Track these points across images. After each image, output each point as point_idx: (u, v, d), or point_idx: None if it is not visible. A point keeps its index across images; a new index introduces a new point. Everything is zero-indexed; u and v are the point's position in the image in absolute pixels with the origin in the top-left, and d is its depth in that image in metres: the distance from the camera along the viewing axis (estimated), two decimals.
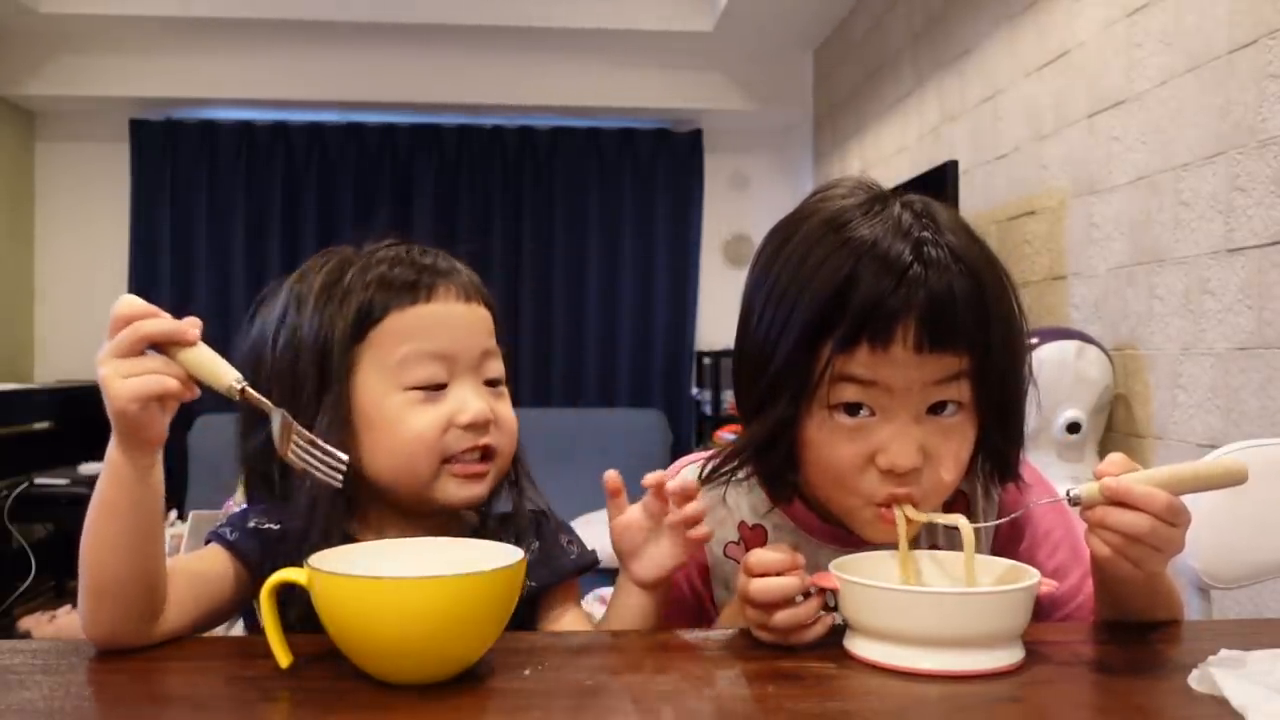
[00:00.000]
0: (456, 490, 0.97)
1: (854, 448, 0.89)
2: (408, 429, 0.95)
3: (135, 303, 0.79)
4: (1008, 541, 1.04)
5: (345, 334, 0.95)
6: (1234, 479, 0.83)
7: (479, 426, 0.97)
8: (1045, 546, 1.03)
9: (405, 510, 0.99)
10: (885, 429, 0.88)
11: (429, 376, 0.96)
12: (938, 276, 0.85)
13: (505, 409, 1.01)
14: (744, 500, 1.06)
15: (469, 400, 0.97)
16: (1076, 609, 1.01)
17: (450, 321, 0.98)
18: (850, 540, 0.97)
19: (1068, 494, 0.84)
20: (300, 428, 0.84)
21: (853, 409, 0.88)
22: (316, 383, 0.96)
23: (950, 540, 0.97)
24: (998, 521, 1.00)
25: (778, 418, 0.90)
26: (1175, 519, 0.81)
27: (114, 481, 0.81)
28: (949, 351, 0.86)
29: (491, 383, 1.00)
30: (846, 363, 0.87)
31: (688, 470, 1.08)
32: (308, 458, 0.85)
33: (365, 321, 0.96)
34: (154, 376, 0.77)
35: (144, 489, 0.81)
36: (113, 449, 0.80)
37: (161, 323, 0.78)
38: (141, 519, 0.82)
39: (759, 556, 0.87)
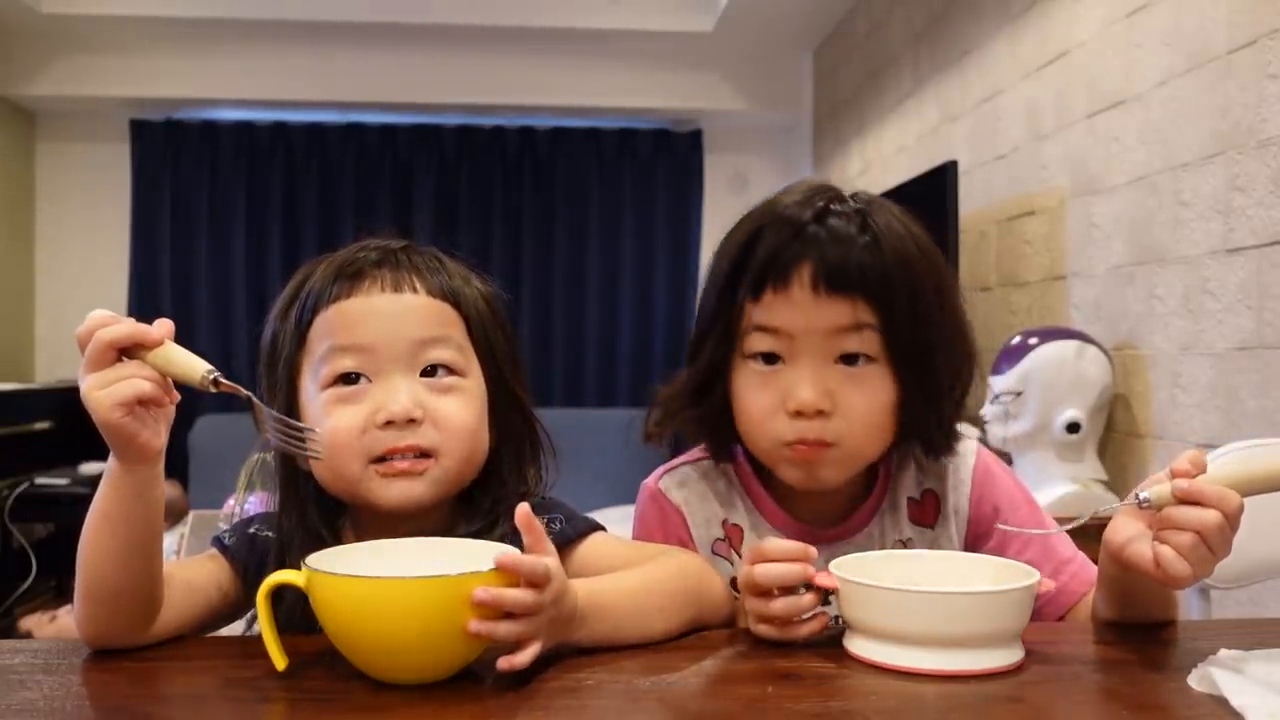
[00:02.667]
0: (386, 491, 0.93)
1: (767, 393, 0.97)
2: (329, 430, 0.92)
3: (96, 315, 0.79)
4: (975, 540, 1.06)
5: (289, 341, 0.97)
6: None
7: (400, 425, 0.92)
8: (1015, 543, 1.03)
9: (375, 513, 0.96)
10: (792, 373, 0.95)
11: (339, 370, 0.94)
12: (836, 231, 0.94)
13: (449, 404, 0.95)
14: (730, 496, 1.08)
15: (391, 397, 0.92)
16: (1046, 604, 1.01)
17: (371, 314, 0.94)
18: (822, 536, 1.02)
19: (1137, 497, 0.83)
20: (274, 411, 0.85)
21: (770, 359, 0.97)
22: (272, 385, 0.98)
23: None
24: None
25: (706, 362, 0.99)
26: (1239, 523, 0.81)
27: (113, 493, 0.81)
28: (843, 297, 0.93)
29: (431, 373, 0.95)
30: (756, 311, 0.96)
31: (666, 479, 1.10)
32: (286, 437, 0.86)
33: (302, 326, 0.96)
34: (126, 382, 0.77)
35: (143, 502, 0.81)
36: (112, 461, 0.80)
37: (121, 327, 0.78)
38: (140, 531, 0.81)
39: (773, 542, 0.87)
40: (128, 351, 0.79)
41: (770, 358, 0.97)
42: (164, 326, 0.80)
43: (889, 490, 1.06)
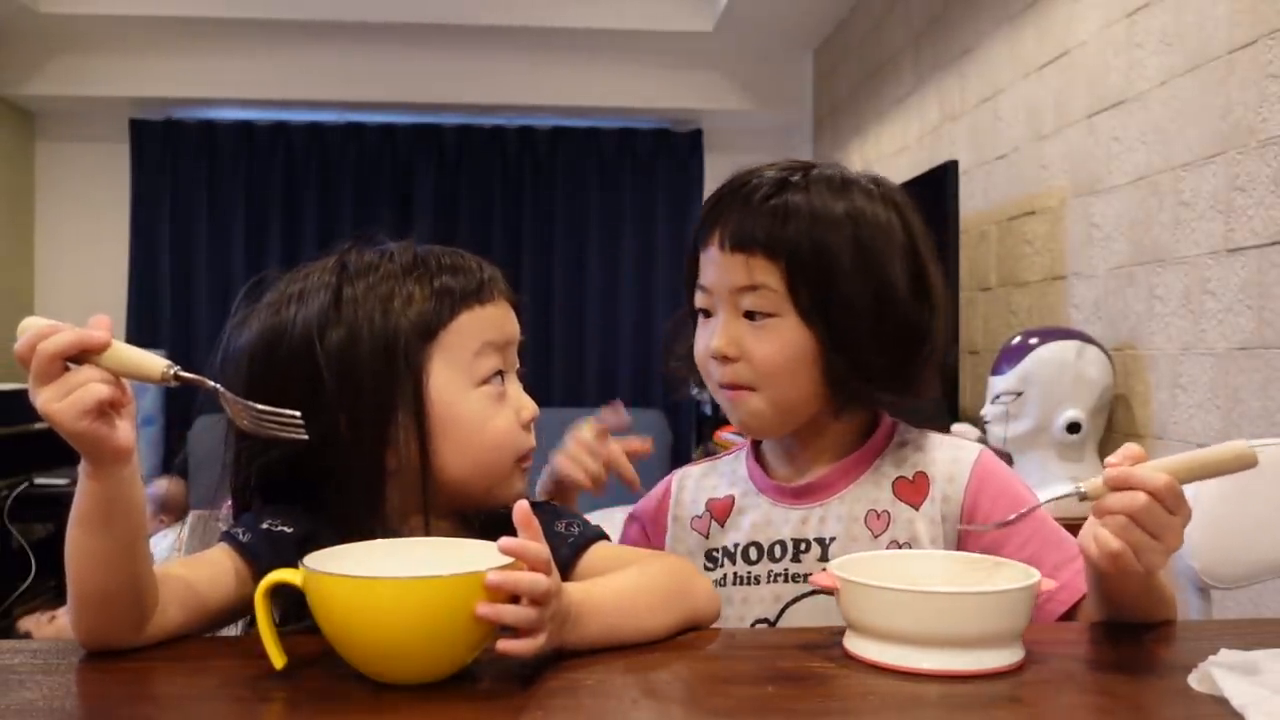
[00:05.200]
0: (519, 485, 1.01)
1: (702, 342, 1.09)
2: (493, 429, 0.98)
3: (33, 327, 0.76)
4: (968, 535, 1.06)
5: (418, 333, 0.96)
6: (1243, 463, 0.84)
7: (530, 424, 1.02)
8: (1013, 541, 1.04)
9: (439, 509, 0.97)
10: (714, 323, 1.07)
11: (494, 366, 0.99)
12: (748, 197, 1.05)
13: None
14: (735, 474, 1.17)
15: (524, 398, 1.02)
16: (1046, 602, 1.00)
17: (504, 320, 1.01)
18: (802, 494, 1.10)
19: (1076, 489, 0.86)
20: (241, 399, 0.85)
21: (707, 314, 1.09)
22: (385, 379, 0.94)
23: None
24: (998, 524, 1.00)
25: (685, 310, 1.13)
26: (1175, 505, 0.83)
27: (91, 499, 0.79)
28: (743, 256, 1.03)
29: (520, 377, 1.04)
30: (699, 269, 1.09)
31: (687, 467, 1.21)
32: (265, 423, 0.85)
33: (435, 323, 0.96)
34: (83, 389, 0.75)
35: (122, 503, 0.80)
36: (85, 466, 0.79)
37: (64, 336, 0.76)
38: (122, 532, 0.80)
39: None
40: (75, 358, 0.77)
41: (707, 312, 1.09)
42: (105, 327, 0.78)
43: (874, 463, 1.10)
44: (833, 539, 1.07)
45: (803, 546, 1.08)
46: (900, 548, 1.05)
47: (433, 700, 0.74)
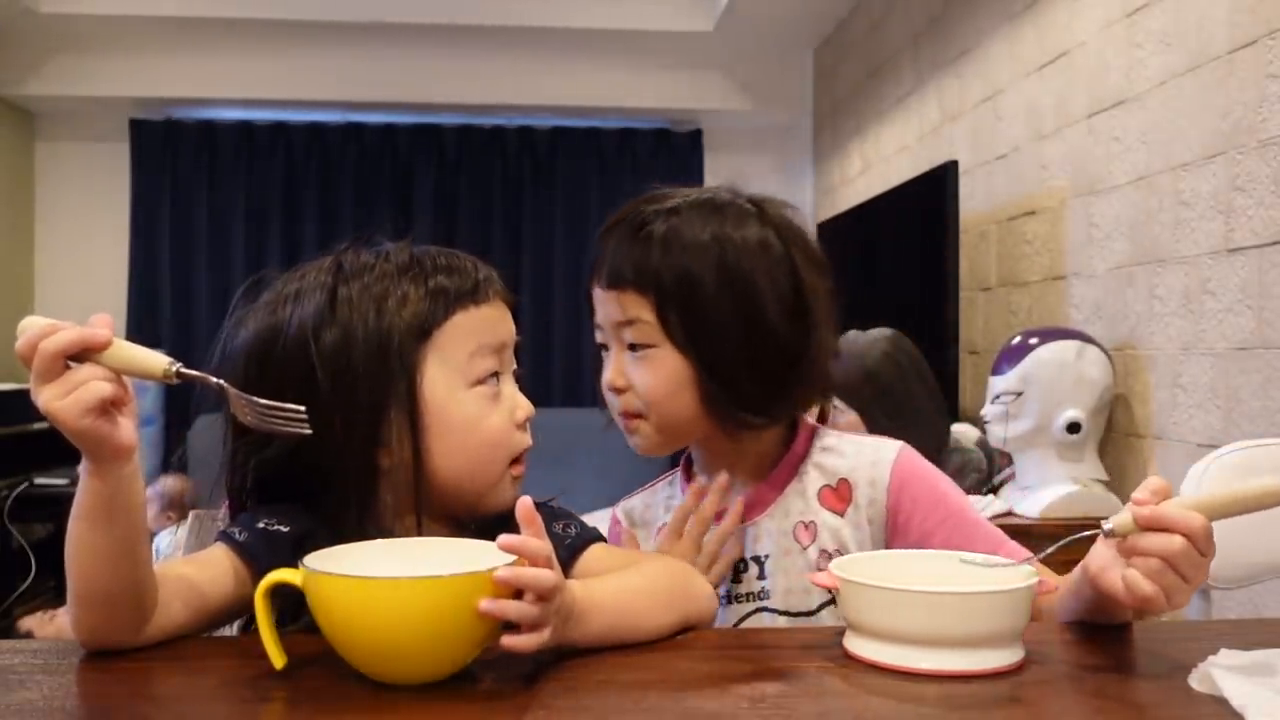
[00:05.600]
0: (510, 492, 0.99)
1: (603, 376, 1.12)
2: (487, 428, 0.97)
3: (33, 325, 0.77)
4: (894, 535, 1.09)
5: (411, 334, 0.95)
6: (1274, 500, 0.82)
7: (526, 424, 1.01)
8: (936, 536, 1.06)
9: (433, 512, 0.97)
10: (608, 357, 1.11)
11: (489, 368, 0.98)
12: (622, 232, 1.08)
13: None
14: (669, 495, 1.20)
15: (519, 398, 1.01)
16: None
17: (500, 321, 1.01)
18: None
19: (1101, 527, 0.84)
20: (245, 394, 0.85)
21: (605, 347, 1.12)
22: (379, 379, 0.94)
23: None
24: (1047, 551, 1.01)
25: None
26: (1207, 546, 0.81)
27: (93, 497, 0.79)
28: (618, 290, 1.06)
29: (516, 377, 1.04)
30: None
31: (620, 511, 1.23)
32: (269, 418, 0.85)
33: (429, 323, 0.96)
34: (85, 387, 0.75)
35: (124, 501, 0.80)
36: (87, 464, 0.79)
37: (66, 335, 0.76)
38: (123, 530, 0.80)
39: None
40: (77, 356, 0.77)
41: (604, 345, 1.12)
42: (107, 325, 0.78)
43: (798, 475, 1.12)
44: (767, 556, 1.10)
45: (741, 566, 1.11)
46: (830, 556, 1.06)
47: (433, 700, 0.74)
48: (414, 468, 0.95)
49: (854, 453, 1.12)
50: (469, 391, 0.97)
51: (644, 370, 1.07)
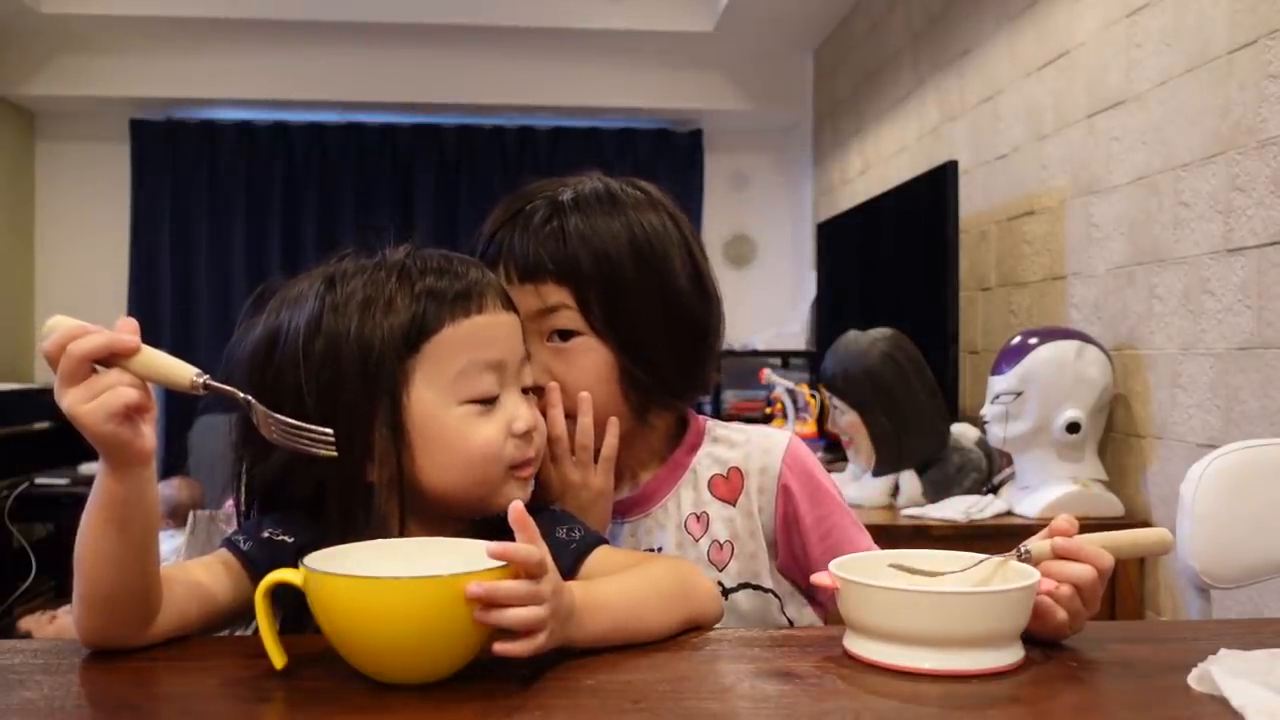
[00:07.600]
0: (517, 493, 0.96)
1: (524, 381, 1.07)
2: (475, 442, 0.94)
3: (63, 327, 0.76)
4: (786, 525, 1.10)
5: (396, 345, 0.92)
6: (1164, 548, 0.94)
7: (529, 435, 0.97)
8: (814, 535, 1.09)
9: (438, 516, 0.97)
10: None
11: (486, 389, 0.95)
12: (525, 225, 1.06)
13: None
14: None
15: (520, 409, 0.97)
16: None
17: (499, 331, 0.97)
18: (630, 507, 1.12)
19: (1019, 549, 0.89)
20: (271, 412, 0.84)
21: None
22: (362, 394, 0.92)
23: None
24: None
25: None
26: (1106, 580, 0.88)
27: (108, 499, 0.80)
28: (535, 282, 1.05)
29: (526, 390, 1.00)
30: None
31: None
32: (294, 437, 0.84)
33: (418, 334, 0.93)
34: (112, 392, 0.76)
35: (138, 505, 0.80)
36: (104, 467, 0.79)
37: (95, 339, 0.76)
38: (137, 533, 0.81)
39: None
40: (104, 361, 0.77)
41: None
42: (135, 331, 0.78)
43: (690, 466, 1.13)
44: (660, 548, 1.10)
45: None
46: (722, 547, 1.09)
47: (433, 700, 0.74)
48: (399, 484, 0.93)
49: (745, 442, 1.13)
50: (459, 408, 0.94)
51: (568, 363, 1.06)
